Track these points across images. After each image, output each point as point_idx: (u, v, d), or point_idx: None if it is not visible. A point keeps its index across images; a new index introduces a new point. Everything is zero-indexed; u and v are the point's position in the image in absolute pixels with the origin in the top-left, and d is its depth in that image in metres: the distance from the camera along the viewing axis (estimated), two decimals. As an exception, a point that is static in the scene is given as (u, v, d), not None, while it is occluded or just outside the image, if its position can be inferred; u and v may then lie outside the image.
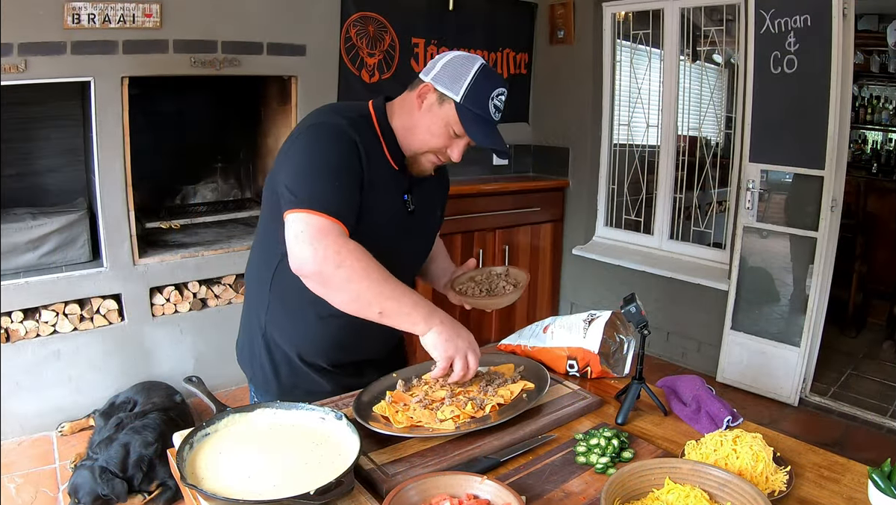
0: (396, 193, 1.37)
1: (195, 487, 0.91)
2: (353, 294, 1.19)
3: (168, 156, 3.41)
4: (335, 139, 1.26)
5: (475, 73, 1.27)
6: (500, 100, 1.31)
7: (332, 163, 1.24)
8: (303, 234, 1.18)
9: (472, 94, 1.27)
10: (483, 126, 1.29)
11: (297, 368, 1.43)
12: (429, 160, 1.36)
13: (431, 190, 1.49)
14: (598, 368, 1.43)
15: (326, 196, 1.21)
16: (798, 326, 3.15)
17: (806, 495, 1.01)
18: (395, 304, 1.20)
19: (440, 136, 1.31)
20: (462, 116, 1.28)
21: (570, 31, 4.01)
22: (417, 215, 1.42)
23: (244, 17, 2.96)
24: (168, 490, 2.27)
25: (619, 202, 4.10)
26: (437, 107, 1.30)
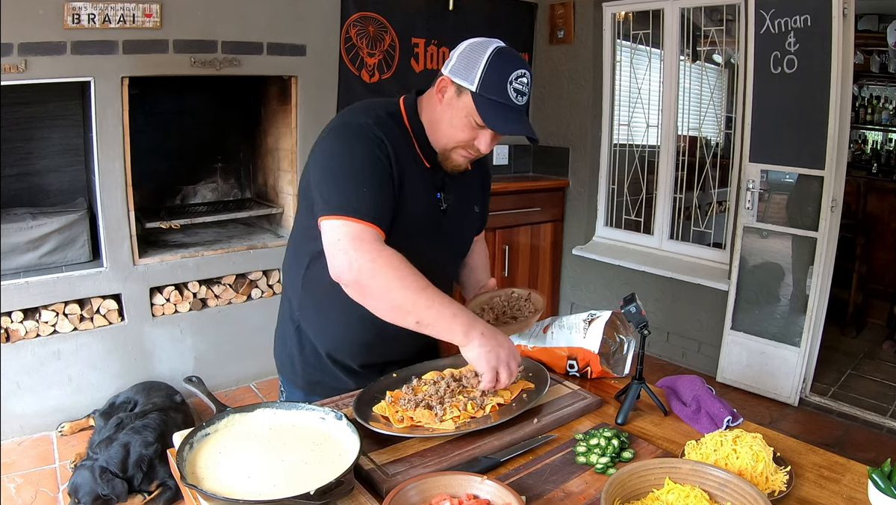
0: (428, 191, 1.34)
1: (195, 487, 0.91)
2: (391, 304, 1.17)
3: (168, 156, 3.41)
4: (361, 139, 1.24)
5: (489, 57, 1.22)
6: (522, 82, 1.23)
7: (360, 164, 1.22)
8: (339, 242, 1.17)
9: (487, 80, 1.21)
10: (503, 113, 1.23)
11: (325, 366, 1.44)
12: (459, 154, 1.32)
13: (469, 186, 1.46)
14: (598, 368, 1.43)
15: (359, 200, 1.19)
16: (798, 326, 3.15)
17: (806, 495, 1.01)
18: (434, 314, 1.17)
19: (464, 129, 1.27)
20: (479, 106, 1.22)
21: (570, 31, 4.01)
22: (452, 213, 1.39)
23: (244, 17, 2.96)
24: (168, 490, 2.27)
25: (619, 202, 4.10)
26: (456, 99, 1.26)
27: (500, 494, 0.92)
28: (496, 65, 1.21)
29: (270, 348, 1.58)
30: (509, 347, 1.21)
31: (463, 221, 1.46)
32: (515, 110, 1.24)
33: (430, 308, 1.16)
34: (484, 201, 1.56)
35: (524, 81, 1.24)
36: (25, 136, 2.94)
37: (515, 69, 1.22)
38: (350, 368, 1.44)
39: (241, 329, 3.20)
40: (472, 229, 1.53)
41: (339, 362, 1.43)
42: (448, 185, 1.38)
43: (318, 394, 1.41)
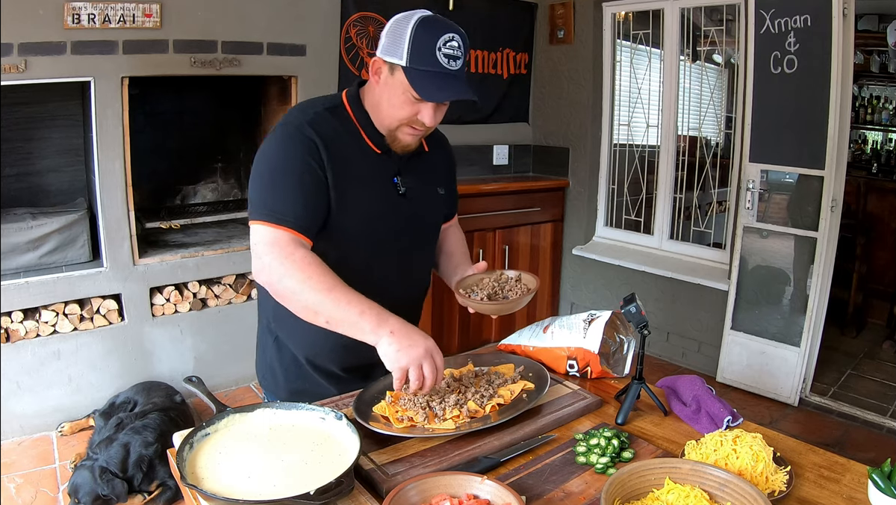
0: (382, 178, 1.34)
1: (195, 487, 0.91)
2: (301, 305, 1.19)
3: (168, 156, 3.41)
4: (289, 141, 1.25)
5: (413, 28, 1.19)
6: (452, 46, 1.20)
7: (283, 167, 1.23)
8: (255, 246, 1.21)
9: (415, 52, 1.19)
10: (436, 81, 1.20)
11: (306, 374, 1.43)
12: (405, 133, 1.30)
13: (429, 168, 1.45)
14: (598, 368, 1.43)
15: (277, 204, 1.21)
16: (798, 326, 3.15)
17: (806, 495, 1.01)
18: (341, 313, 1.16)
19: (403, 106, 1.25)
20: (411, 79, 1.20)
21: (570, 31, 4.01)
22: (412, 196, 1.38)
23: (244, 17, 2.96)
24: (168, 490, 2.27)
25: (619, 202, 4.10)
26: (391, 77, 1.24)
27: (500, 494, 0.92)
28: (421, 34, 1.19)
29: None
30: (425, 346, 1.14)
31: (426, 204, 1.44)
32: (449, 76, 1.21)
33: (336, 308, 1.16)
34: (449, 183, 1.54)
35: (454, 45, 1.21)
36: (25, 136, 2.94)
37: (442, 34, 1.20)
38: (332, 373, 1.43)
39: (241, 329, 3.20)
40: (437, 212, 1.50)
41: (320, 368, 1.42)
42: (405, 168, 1.37)
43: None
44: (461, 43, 1.22)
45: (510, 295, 1.42)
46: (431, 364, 1.14)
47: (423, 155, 1.42)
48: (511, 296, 1.42)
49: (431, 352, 1.15)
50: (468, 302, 1.40)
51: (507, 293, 1.43)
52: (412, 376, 1.13)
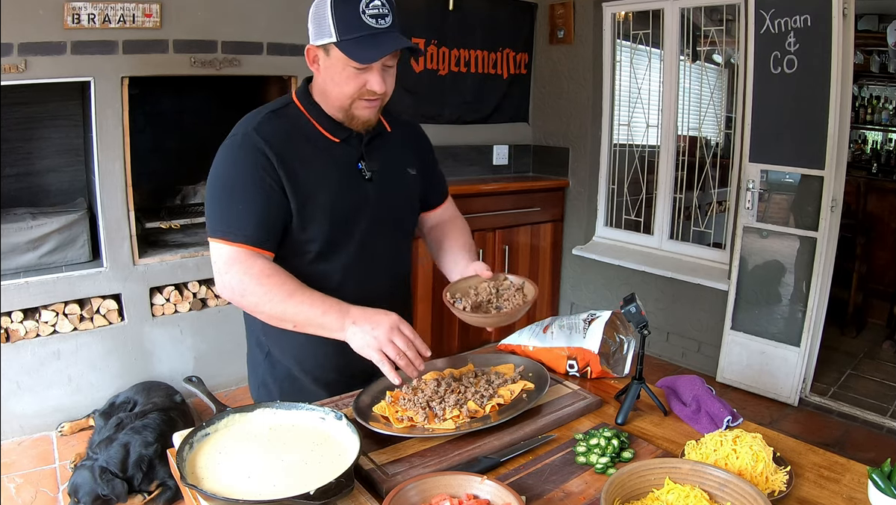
0: (345, 166, 1.32)
1: (195, 487, 0.91)
2: (267, 315, 1.23)
3: (168, 156, 3.41)
4: (236, 153, 1.25)
5: (331, 3, 1.18)
6: (376, 6, 1.19)
7: (233, 182, 1.24)
8: (215, 265, 1.24)
9: (340, 24, 1.18)
10: (367, 42, 1.19)
11: (301, 385, 1.41)
12: (361, 108, 1.28)
13: (396, 149, 1.42)
14: (598, 368, 1.43)
15: (231, 221, 1.22)
16: (798, 326, 3.15)
17: (806, 495, 1.01)
18: (304, 317, 1.19)
19: (348, 81, 1.24)
20: (344, 49, 1.19)
21: (570, 31, 4.01)
22: (379, 179, 1.36)
23: (244, 17, 2.96)
24: (168, 490, 2.27)
25: (619, 202, 4.10)
26: (327, 59, 1.23)
27: (499, 494, 0.92)
28: (342, 5, 1.18)
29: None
30: (387, 322, 1.15)
31: (396, 186, 1.40)
32: (382, 34, 1.20)
33: (299, 312, 1.19)
34: (423, 163, 1.49)
35: (378, 4, 1.19)
36: (25, 136, 2.94)
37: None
38: (328, 380, 1.41)
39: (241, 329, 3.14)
40: (411, 195, 1.47)
41: (318, 378, 1.41)
42: (368, 152, 1.35)
43: None
44: (383, 1, 1.20)
45: (504, 305, 1.32)
46: (401, 336, 1.15)
47: (385, 135, 1.40)
48: (505, 306, 1.32)
49: (397, 325, 1.16)
50: (453, 310, 1.31)
51: (503, 303, 1.34)
52: (390, 354, 1.13)
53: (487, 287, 1.38)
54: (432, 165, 1.56)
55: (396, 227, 1.44)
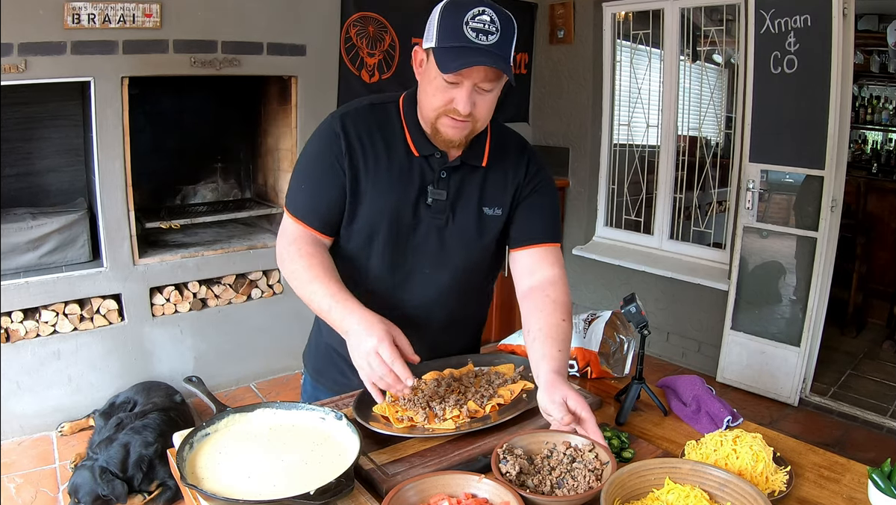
0: (414, 183, 1.26)
1: (195, 487, 0.91)
2: (298, 292, 1.25)
3: (168, 156, 3.41)
4: (319, 134, 1.29)
5: (441, 9, 1.14)
6: (482, 20, 1.11)
7: (307, 160, 1.29)
8: (280, 234, 1.32)
9: (443, 31, 1.12)
10: (458, 54, 1.11)
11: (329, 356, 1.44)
12: (445, 125, 1.19)
13: (481, 183, 1.29)
14: (598, 368, 1.43)
15: (295, 197, 1.29)
16: (798, 326, 3.15)
17: (806, 495, 1.01)
18: (317, 306, 1.21)
19: (436, 92, 1.17)
20: (437, 56, 1.12)
21: (570, 31, 4.01)
22: (440, 210, 1.27)
23: (244, 17, 2.96)
24: (168, 490, 2.27)
25: (619, 202, 4.10)
26: (427, 64, 1.18)
27: (498, 492, 0.92)
28: (449, 12, 1.13)
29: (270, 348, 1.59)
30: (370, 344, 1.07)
31: (461, 222, 1.28)
32: (477, 50, 1.11)
33: (313, 301, 1.21)
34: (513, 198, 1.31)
35: (485, 19, 1.11)
36: (25, 136, 2.94)
37: (469, 10, 1.11)
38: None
39: (241, 329, 3.20)
40: (479, 233, 1.31)
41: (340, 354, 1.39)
42: (444, 179, 1.26)
43: (322, 385, 1.46)
44: (495, 17, 1.12)
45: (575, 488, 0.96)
46: (379, 360, 1.07)
47: (477, 169, 1.29)
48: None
49: (376, 349, 1.07)
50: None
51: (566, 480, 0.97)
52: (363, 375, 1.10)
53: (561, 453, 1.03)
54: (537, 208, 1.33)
55: (452, 259, 1.31)
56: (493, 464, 0.97)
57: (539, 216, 1.33)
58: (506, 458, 0.99)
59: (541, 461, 1.02)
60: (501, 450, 1.01)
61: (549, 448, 1.04)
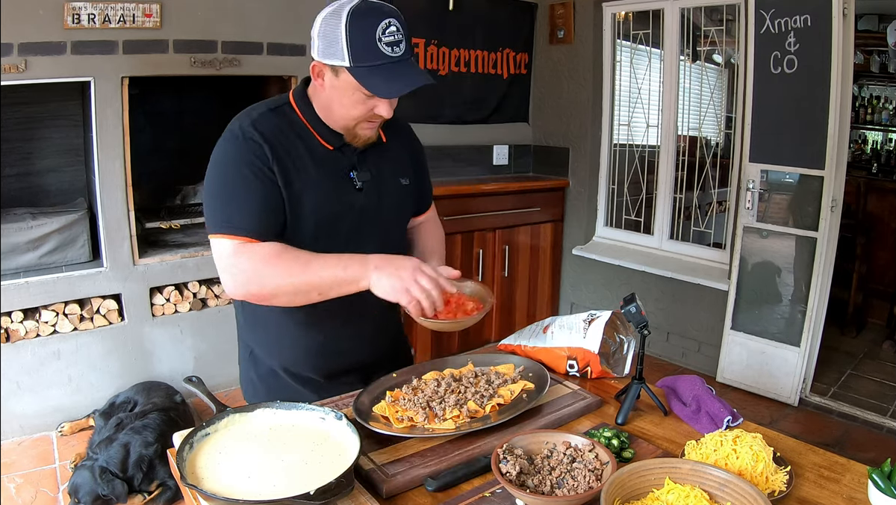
0: (336, 175, 1.30)
1: (195, 487, 0.91)
2: (290, 294, 1.19)
3: (168, 156, 3.41)
4: (232, 146, 1.23)
5: (346, 25, 1.13)
6: (392, 32, 1.15)
7: (231, 175, 1.21)
8: (220, 262, 1.20)
9: (355, 49, 1.13)
10: (386, 74, 1.15)
11: (286, 384, 1.41)
12: (363, 128, 1.27)
13: (390, 159, 1.39)
14: (598, 368, 1.43)
15: (229, 215, 1.19)
16: (798, 326, 3.15)
17: (806, 495, 1.01)
18: (328, 279, 1.17)
19: (356, 105, 1.21)
20: (359, 78, 1.15)
21: (570, 31, 4.01)
22: (371, 190, 1.33)
23: (244, 17, 2.96)
24: (168, 490, 2.27)
25: (619, 202, 4.10)
26: (336, 79, 1.19)
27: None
28: (356, 27, 1.13)
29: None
30: (410, 265, 1.16)
31: (387, 197, 1.37)
32: (398, 64, 1.16)
33: (322, 277, 1.17)
34: (417, 173, 1.46)
35: (393, 30, 1.15)
36: (25, 136, 2.94)
37: (379, 22, 1.14)
38: (311, 380, 1.41)
39: (241, 329, 3.20)
40: (403, 204, 1.44)
41: (298, 376, 1.40)
42: (362, 162, 1.33)
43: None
44: (399, 26, 1.16)
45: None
46: (425, 276, 1.15)
47: (380, 146, 1.36)
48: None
49: (419, 266, 1.17)
50: (416, 318, 1.23)
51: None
52: (417, 294, 1.14)
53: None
54: (424, 173, 1.52)
55: (384, 236, 1.40)
56: (493, 464, 0.97)
57: (426, 180, 1.52)
58: (506, 458, 1.00)
59: (541, 461, 1.02)
60: (501, 450, 1.01)
61: (549, 448, 1.05)
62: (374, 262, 1.17)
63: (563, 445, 1.04)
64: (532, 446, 1.05)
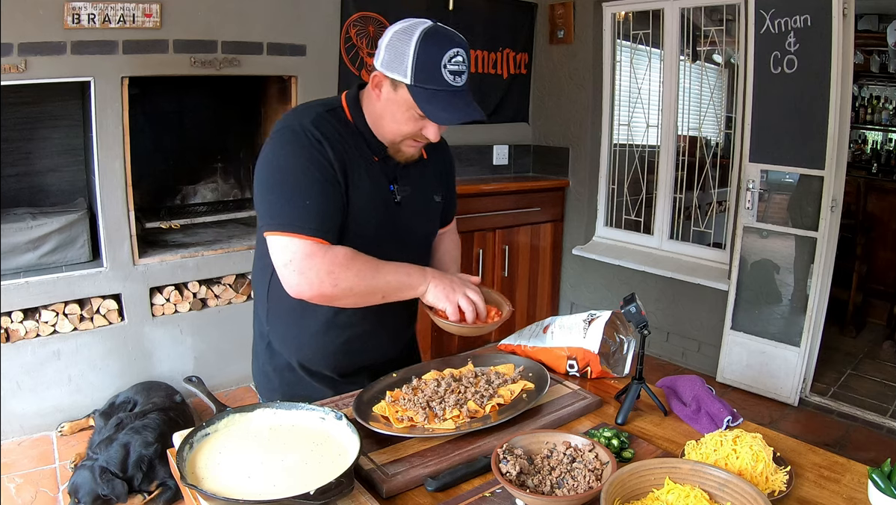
0: (379, 185, 1.31)
1: (195, 487, 0.91)
2: (357, 297, 1.24)
3: (168, 156, 3.41)
4: (298, 144, 1.21)
5: (416, 45, 1.14)
6: (457, 62, 1.17)
7: (299, 174, 1.20)
8: (291, 263, 1.18)
9: (419, 69, 1.15)
10: (443, 101, 1.17)
11: (300, 378, 1.42)
12: (408, 146, 1.30)
13: (427, 176, 1.42)
14: (598, 368, 1.43)
15: (301, 214, 1.18)
16: (798, 326, 3.15)
17: (806, 495, 1.01)
18: (393, 284, 1.25)
19: (408, 122, 1.23)
20: (417, 98, 1.17)
21: (570, 31, 4.01)
22: (407, 205, 1.36)
23: (244, 17, 2.96)
24: (168, 490, 2.27)
25: (619, 202, 4.10)
26: (394, 93, 1.21)
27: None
28: (426, 50, 1.15)
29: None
30: (462, 282, 1.30)
31: (422, 213, 1.41)
32: (457, 94, 1.18)
33: (388, 282, 1.25)
34: (448, 190, 1.51)
35: (459, 60, 1.17)
36: (25, 136, 2.94)
37: (447, 50, 1.15)
38: (326, 377, 1.42)
39: (241, 329, 3.20)
40: (433, 220, 1.48)
41: (315, 373, 1.42)
42: (402, 176, 1.35)
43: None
44: (465, 57, 1.19)
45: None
46: (473, 292, 1.30)
47: (420, 162, 1.39)
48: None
49: (469, 284, 1.32)
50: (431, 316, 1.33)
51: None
52: (462, 304, 1.27)
53: None
54: (453, 188, 1.56)
55: (414, 251, 1.42)
56: (493, 464, 0.97)
57: (454, 195, 1.58)
58: (506, 458, 1.00)
59: (541, 461, 1.02)
60: (501, 450, 1.01)
61: (549, 448, 1.05)
62: (431, 273, 1.29)
63: (563, 445, 1.04)
64: (532, 446, 1.05)
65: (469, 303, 1.27)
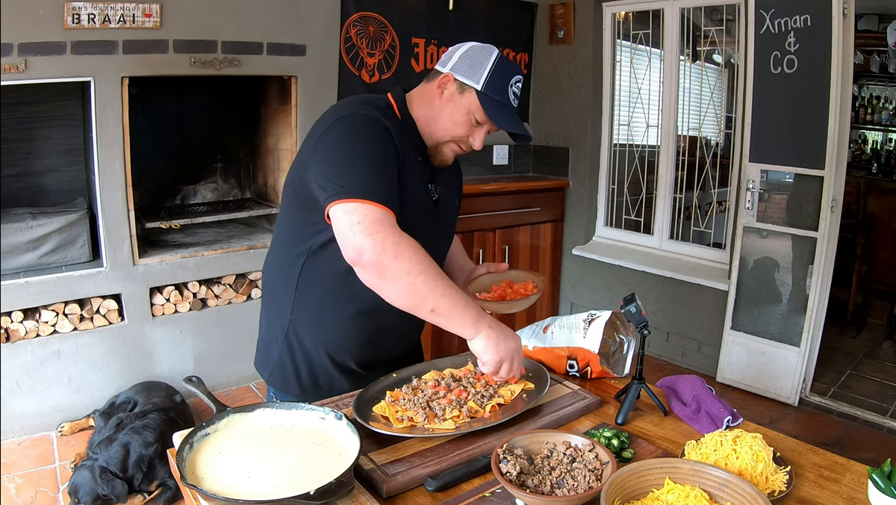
0: (423, 182, 1.38)
1: (195, 487, 0.91)
2: (410, 287, 1.16)
3: (168, 156, 3.41)
4: (372, 128, 1.25)
5: (494, 61, 1.31)
6: (518, 87, 1.35)
7: (373, 152, 1.24)
8: (360, 224, 1.15)
9: (492, 81, 1.31)
10: (505, 112, 1.33)
11: (321, 368, 1.41)
12: (451, 149, 1.39)
13: (451, 180, 1.51)
14: (598, 368, 1.43)
15: (376, 185, 1.18)
16: (798, 326, 3.15)
17: (806, 495, 1.01)
18: (449, 303, 1.17)
19: (463, 125, 1.34)
20: (484, 104, 1.31)
21: (570, 31, 4.01)
22: (441, 205, 1.44)
23: (244, 17, 2.96)
24: (168, 490, 2.27)
25: (619, 202, 4.10)
26: (458, 96, 1.33)
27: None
28: (500, 68, 1.32)
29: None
30: (517, 343, 1.25)
31: (451, 214, 1.52)
32: (512, 111, 1.35)
33: (445, 297, 1.17)
34: (461, 195, 1.60)
35: (520, 86, 1.36)
36: (25, 136, 2.94)
37: (515, 74, 1.34)
38: (348, 368, 1.43)
39: (241, 329, 3.20)
40: (455, 223, 1.58)
41: (338, 363, 1.42)
42: (438, 177, 1.44)
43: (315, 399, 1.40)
44: (520, 85, 1.37)
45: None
46: (519, 360, 1.26)
47: (447, 169, 1.48)
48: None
49: (520, 348, 1.27)
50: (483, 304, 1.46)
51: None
52: (504, 369, 1.23)
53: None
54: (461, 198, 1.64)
55: (442, 247, 1.52)
56: (493, 464, 0.97)
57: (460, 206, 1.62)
58: (506, 458, 1.00)
59: (541, 461, 1.02)
60: (501, 450, 1.01)
61: (549, 448, 1.05)
62: (490, 321, 1.23)
63: (563, 445, 1.04)
64: (532, 446, 1.05)
65: (510, 370, 1.23)
